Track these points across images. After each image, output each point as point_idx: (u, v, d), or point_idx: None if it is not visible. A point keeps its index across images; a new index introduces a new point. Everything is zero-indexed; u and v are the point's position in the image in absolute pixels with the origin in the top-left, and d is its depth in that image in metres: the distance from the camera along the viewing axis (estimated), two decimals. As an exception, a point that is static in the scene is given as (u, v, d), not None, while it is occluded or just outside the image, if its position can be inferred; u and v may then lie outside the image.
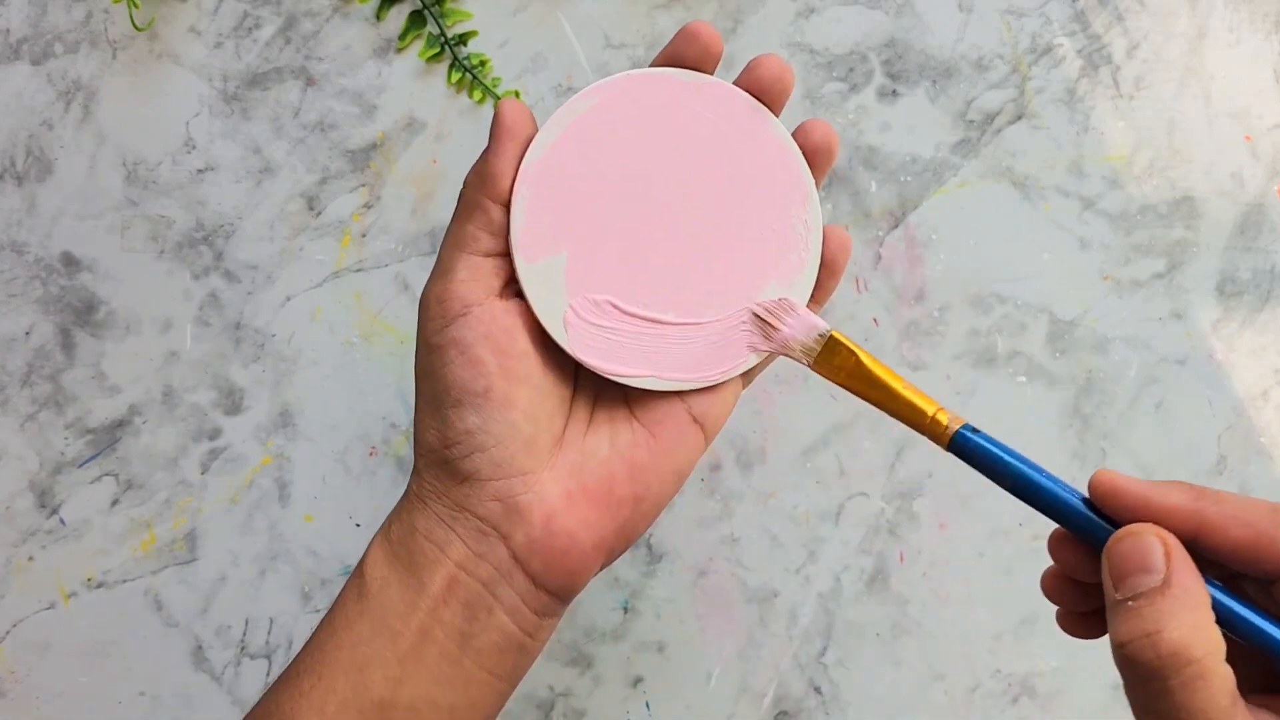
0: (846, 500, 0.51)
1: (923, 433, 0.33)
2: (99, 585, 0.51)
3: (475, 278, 0.34)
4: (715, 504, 0.51)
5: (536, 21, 0.52)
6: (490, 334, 0.33)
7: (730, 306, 0.36)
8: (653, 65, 0.35)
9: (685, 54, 0.35)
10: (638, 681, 0.51)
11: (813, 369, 0.35)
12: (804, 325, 0.35)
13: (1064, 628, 0.34)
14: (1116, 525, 0.30)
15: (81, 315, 0.52)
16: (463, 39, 0.52)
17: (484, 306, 0.34)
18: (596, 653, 0.51)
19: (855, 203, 0.51)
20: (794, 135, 0.36)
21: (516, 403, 0.33)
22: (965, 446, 0.32)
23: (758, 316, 0.35)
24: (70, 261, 0.52)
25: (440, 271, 0.34)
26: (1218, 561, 0.29)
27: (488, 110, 0.52)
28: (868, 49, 0.52)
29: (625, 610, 0.51)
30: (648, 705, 0.51)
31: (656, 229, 0.35)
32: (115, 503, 0.51)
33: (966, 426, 0.32)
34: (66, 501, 0.51)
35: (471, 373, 0.33)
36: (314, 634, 0.34)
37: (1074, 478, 0.51)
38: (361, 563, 0.35)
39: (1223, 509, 0.29)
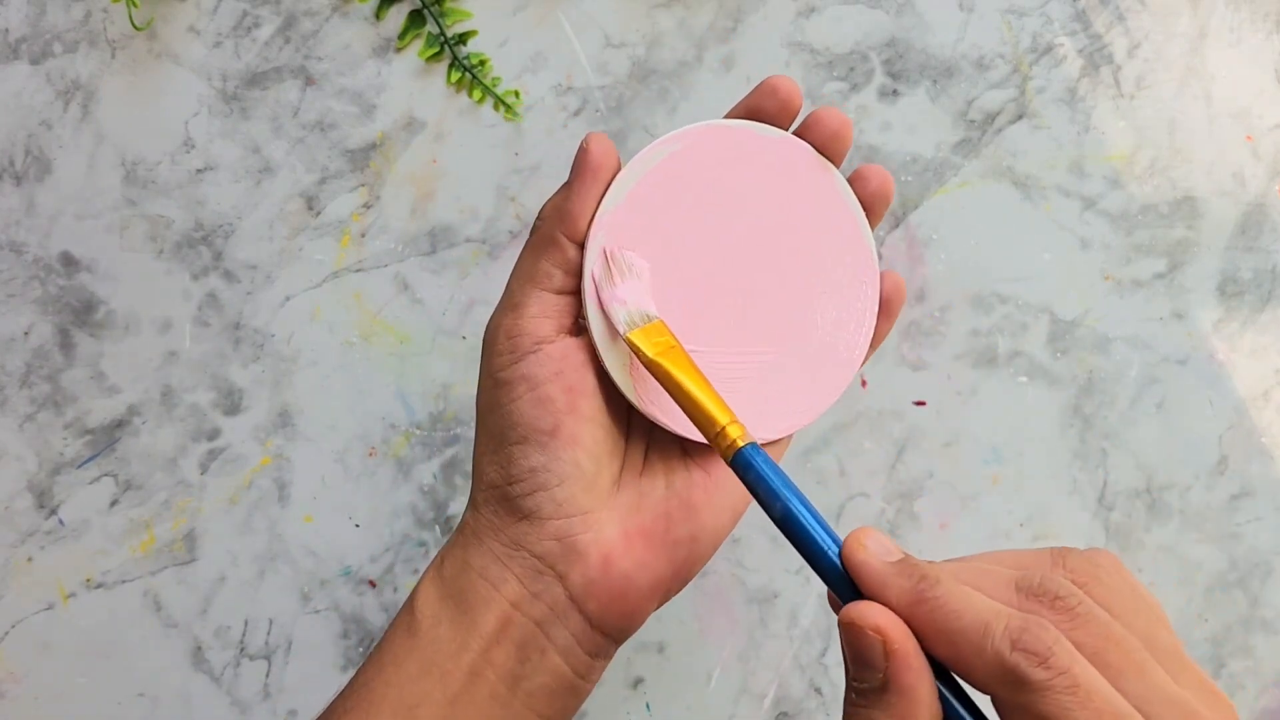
0: (847, 500, 0.51)
1: (710, 442, 0.31)
2: (98, 586, 0.51)
3: (547, 314, 0.33)
4: (715, 504, 0.51)
5: (536, 21, 0.52)
6: (562, 372, 0.33)
7: (797, 361, 0.36)
8: (730, 115, 0.35)
9: (764, 107, 0.34)
10: (638, 682, 0.51)
11: (626, 339, 0.33)
12: (638, 296, 0.33)
13: None
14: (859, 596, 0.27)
15: (80, 315, 0.52)
16: (462, 38, 0.51)
17: (555, 344, 0.33)
18: (596, 653, 0.51)
19: (856, 202, 0.51)
20: (851, 181, 0.36)
21: (582, 441, 0.33)
22: (745, 463, 0.30)
23: (606, 259, 0.34)
24: (69, 261, 0.52)
25: (510, 305, 0.34)
26: None
27: (487, 109, 0.52)
28: (868, 48, 0.52)
29: (625, 611, 0.51)
30: (648, 706, 0.51)
31: (724, 280, 0.35)
32: (114, 503, 0.51)
33: (753, 445, 0.30)
34: (65, 502, 0.51)
35: (540, 410, 0.33)
36: (360, 670, 0.34)
37: (1075, 478, 0.51)
38: (412, 598, 0.34)
39: (934, 618, 0.25)
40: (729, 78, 0.52)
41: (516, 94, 0.51)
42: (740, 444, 0.30)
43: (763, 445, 0.36)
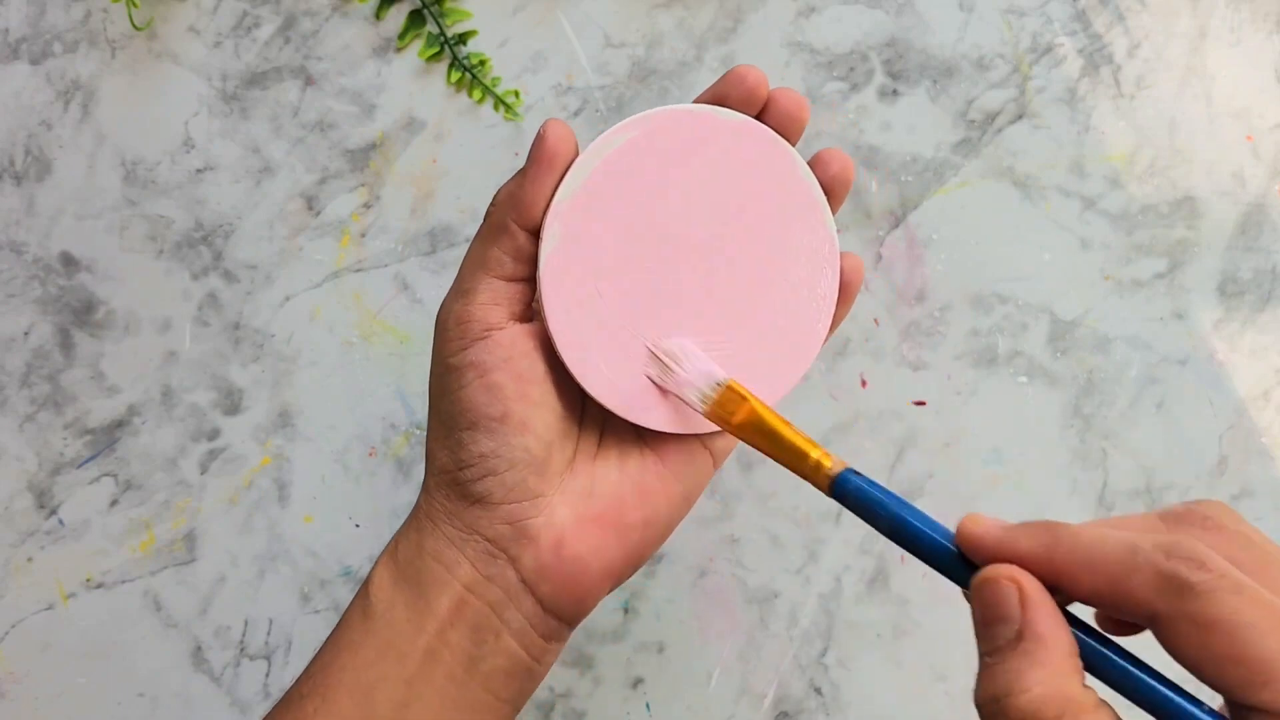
0: (847, 501, 0.51)
1: (806, 478, 0.32)
2: (98, 586, 0.51)
3: (497, 301, 0.34)
4: (715, 504, 0.51)
5: (536, 21, 0.52)
6: (510, 358, 0.33)
7: (753, 347, 0.36)
8: (696, 101, 0.35)
9: (730, 95, 0.34)
10: (638, 682, 0.51)
11: (706, 416, 0.34)
12: (700, 372, 0.34)
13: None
14: None
15: (80, 315, 0.52)
16: (462, 38, 0.51)
17: (505, 331, 0.33)
18: (597, 654, 0.51)
19: (856, 202, 0.51)
20: (812, 166, 0.36)
21: (532, 427, 0.33)
22: (847, 490, 0.30)
23: (655, 356, 0.35)
24: (69, 261, 0.52)
25: (461, 291, 0.34)
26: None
27: (487, 109, 0.52)
28: (868, 48, 0.52)
29: (625, 611, 0.51)
30: (648, 706, 0.51)
31: (683, 267, 0.35)
32: (114, 503, 0.51)
33: (849, 470, 0.31)
34: (65, 502, 0.51)
35: (489, 397, 0.33)
36: (317, 655, 0.34)
37: (1075, 478, 0.51)
38: (367, 583, 0.34)
39: (1076, 554, 0.25)
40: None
41: (516, 94, 0.51)
42: (835, 472, 0.31)
43: (713, 433, 0.36)
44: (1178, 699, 0.24)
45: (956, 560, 0.28)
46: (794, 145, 0.35)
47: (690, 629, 0.51)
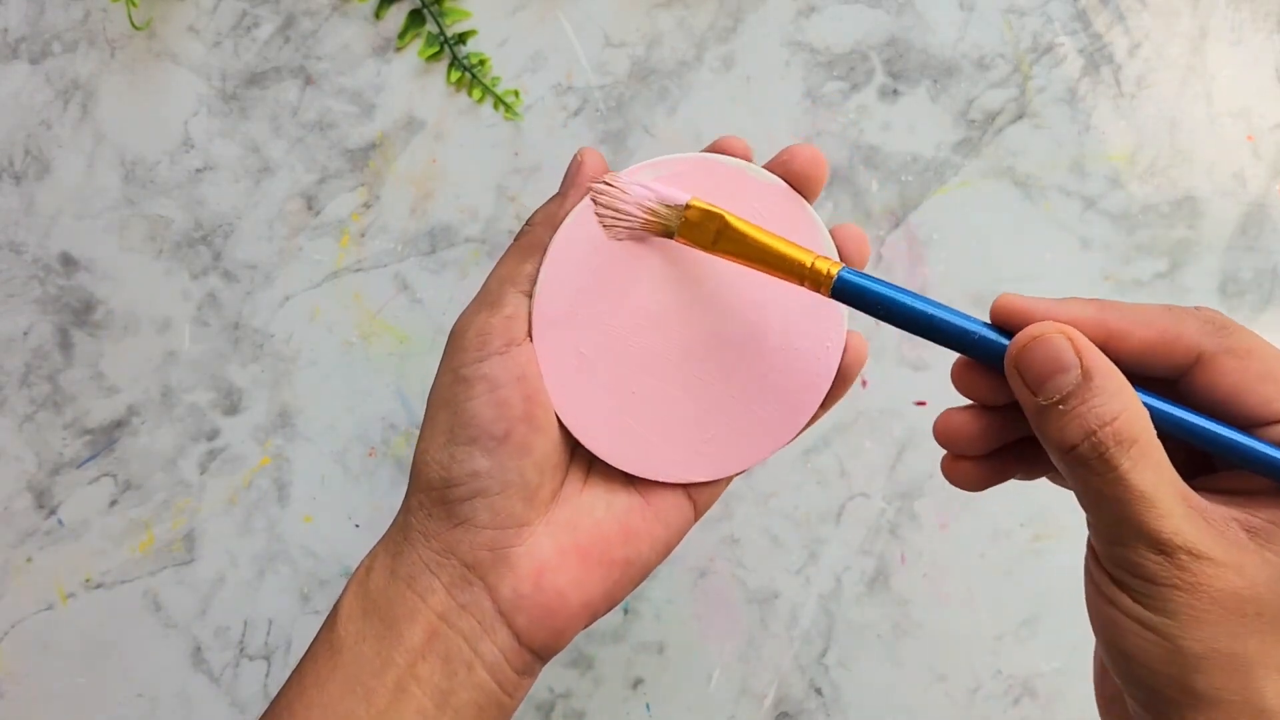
0: (847, 501, 0.51)
1: (803, 284, 0.32)
2: (97, 586, 0.51)
3: (521, 315, 0.33)
4: (716, 504, 0.51)
5: (536, 20, 0.52)
6: (524, 377, 0.33)
7: (742, 405, 0.35)
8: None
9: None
10: (638, 683, 0.51)
11: (677, 239, 0.33)
12: (660, 196, 0.33)
13: (953, 478, 0.34)
14: None
15: (80, 315, 0.52)
16: (462, 38, 0.51)
17: (523, 348, 0.33)
18: (596, 654, 0.51)
19: (856, 202, 0.51)
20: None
21: (530, 451, 0.33)
22: (847, 289, 0.31)
23: (599, 202, 0.33)
24: (68, 261, 0.52)
25: (487, 303, 0.33)
26: (1124, 367, 0.29)
27: (487, 109, 0.52)
28: (869, 48, 0.52)
29: (625, 611, 0.51)
30: (648, 706, 0.51)
31: (685, 312, 0.34)
32: (113, 503, 0.51)
33: (846, 269, 0.31)
34: (65, 502, 0.51)
35: (495, 413, 0.32)
36: (282, 691, 0.33)
37: (1075, 478, 0.51)
38: (335, 613, 0.33)
39: (1125, 314, 0.29)
40: (729, 77, 0.52)
41: (516, 94, 0.51)
42: (834, 273, 0.31)
43: (694, 484, 0.36)
44: (1212, 423, 0.28)
45: (988, 339, 0.30)
46: (812, 199, 0.35)
47: (690, 629, 0.51)
